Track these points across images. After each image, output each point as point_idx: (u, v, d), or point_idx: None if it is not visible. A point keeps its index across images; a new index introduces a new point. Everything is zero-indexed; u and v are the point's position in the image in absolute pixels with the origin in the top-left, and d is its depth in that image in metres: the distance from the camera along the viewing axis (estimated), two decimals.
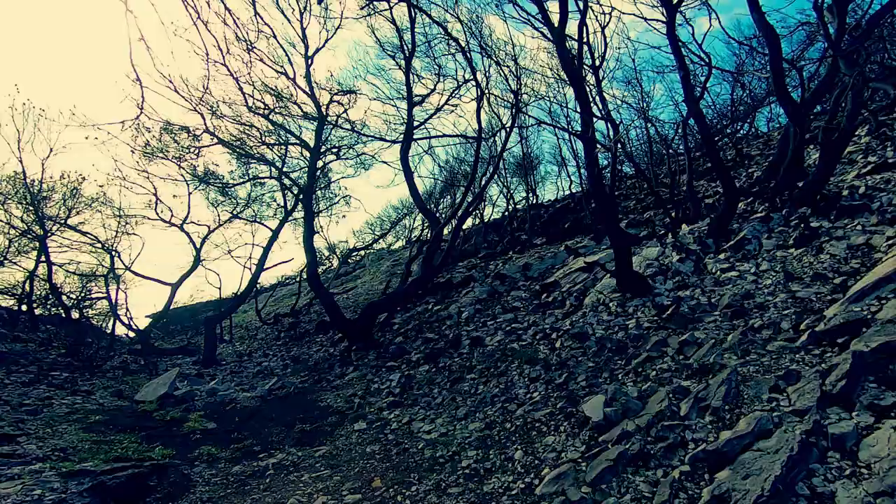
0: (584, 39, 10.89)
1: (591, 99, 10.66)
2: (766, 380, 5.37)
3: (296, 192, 15.12)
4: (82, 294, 20.19)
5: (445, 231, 15.65)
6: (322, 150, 13.36)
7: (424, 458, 6.18)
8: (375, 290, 19.45)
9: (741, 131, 18.20)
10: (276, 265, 31.74)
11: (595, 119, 10.91)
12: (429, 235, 13.87)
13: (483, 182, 13.29)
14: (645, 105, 15.88)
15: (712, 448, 4.59)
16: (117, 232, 18.71)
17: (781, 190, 10.84)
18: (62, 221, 18.20)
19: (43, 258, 17.63)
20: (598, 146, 8.83)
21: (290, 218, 16.94)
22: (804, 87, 12.63)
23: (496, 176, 20.23)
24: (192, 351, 16.36)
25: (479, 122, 11.51)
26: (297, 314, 18.71)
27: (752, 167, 14.90)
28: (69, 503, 4.93)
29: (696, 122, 12.03)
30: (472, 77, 11.02)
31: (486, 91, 11.33)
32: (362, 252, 26.04)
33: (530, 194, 21.02)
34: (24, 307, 19.18)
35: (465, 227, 23.43)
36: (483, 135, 12.49)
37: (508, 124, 12.84)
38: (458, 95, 12.11)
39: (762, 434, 4.53)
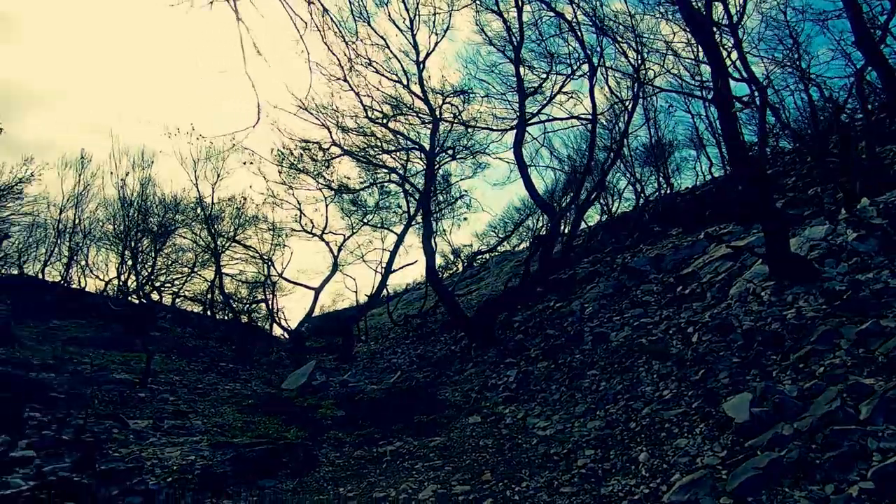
0: None
1: (728, 61, 9.29)
2: None
3: (417, 197, 15.71)
4: (249, 300, 23.39)
5: (566, 228, 14.94)
6: (437, 152, 13.66)
7: (537, 454, 5.79)
8: (498, 290, 19.26)
9: None
10: (402, 267, 33.28)
11: (736, 82, 9.51)
12: (546, 230, 13.32)
13: (604, 167, 12.36)
14: (802, 62, 13.31)
15: None
16: (272, 244, 21.38)
17: None
18: (231, 237, 21.30)
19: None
20: (737, 102, 7.55)
21: (414, 222, 17.62)
22: None
23: (623, 166, 18.81)
24: (335, 349, 17.80)
25: (592, 100, 10.75)
26: (425, 315, 19.31)
27: None
28: (213, 469, 5.55)
29: (877, 72, 9.76)
30: (582, 56, 10.34)
31: (600, 65, 10.51)
32: (486, 255, 26.14)
33: (663, 182, 19.09)
34: (208, 312, 22.86)
35: (591, 222, 22.15)
36: (602, 116, 11.64)
37: (630, 104, 11.79)
38: (573, 78, 11.47)
39: None
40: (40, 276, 19.75)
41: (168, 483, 5.08)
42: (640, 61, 11.17)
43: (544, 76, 12.40)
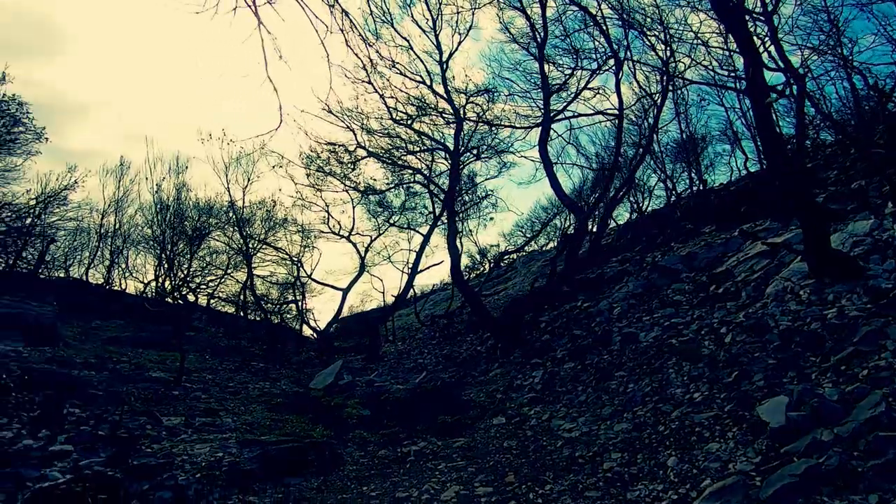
0: None
1: (762, 48, 8.92)
2: None
3: (442, 197, 15.69)
4: (279, 301, 23.87)
5: (594, 227, 14.62)
6: (462, 152, 13.62)
7: (562, 456, 5.68)
8: (525, 290, 19.09)
9: None
10: (428, 268, 33.38)
11: (772, 73, 9.12)
12: (572, 229, 13.09)
13: (632, 165, 12.04)
14: (845, 49, 12.63)
15: None
16: (301, 246, 21.75)
17: None
18: (262, 239, 21.78)
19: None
20: (771, 92, 7.22)
21: (440, 223, 17.60)
22: None
23: (652, 162, 18.35)
24: (363, 349, 17.96)
25: (618, 95, 10.49)
26: (451, 316, 19.28)
27: None
28: (239, 465, 5.67)
29: None
30: (608, 50, 10.09)
31: (627, 59, 10.24)
32: (513, 255, 25.93)
33: (695, 178, 18.50)
34: (240, 312, 23.45)
35: (620, 221, 21.69)
36: (630, 111, 11.32)
37: (659, 99, 11.47)
38: (599, 73, 11.23)
39: None
40: (84, 278, 20.68)
41: (197, 479, 5.21)
42: (668, 54, 10.85)
43: (569, 72, 12.20)
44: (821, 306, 6.67)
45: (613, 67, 10.55)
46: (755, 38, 8.76)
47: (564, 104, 12.14)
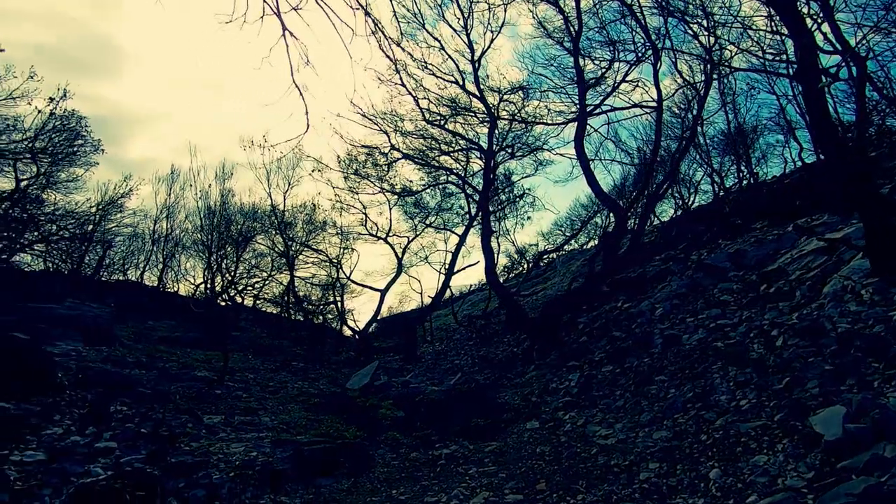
0: None
1: (815, 28, 8.31)
2: None
3: (477, 197, 15.56)
4: (320, 302, 24.41)
5: (635, 224, 14.08)
6: (496, 151, 13.45)
7: (597, 465, 5.45)
8: (564, 290, 18.66)
9: None
10: (464, 268, 33.21)
11: (828, 55, 8.48)
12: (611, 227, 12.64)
13: (675, 157, 11.48)
14: None
15: None
16: (340, 248, 22.16)
17: None
18: (303, 242, 22.33)
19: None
20: (823, 76, 6.68)
21: (476, 223, 17.48)
22: None
23: (698, 156, 17.50)
24: (402, 349, 18.06)
25: (657, 87, 10.01)
26: (488, 316, 19.10)
27: None
28: (272, 465, 5.76)
29: None
30: (646, 41, 9.65)
31: (667, 48, 9.78)
32: (552, 254, 25.43)
33: (744, 171, 17.49)
34: (284, 313, 24.14)
35: (664, 217, 20.85)
36: (672, 102, 10.81)
37: (702, 88, 10.90)
38: (635, 65, 10.78)
39: None
40: (140, 280, 21.88)
41: (230, 478, 5.33)
42: (712, 41, 10.28)
43: (606, 66, 11.80)
44: (885, 307, 6.11)
45: (652, 58, 10.12)
46: (807, 18, 8.17)
47: (601, 98, 11.75)
